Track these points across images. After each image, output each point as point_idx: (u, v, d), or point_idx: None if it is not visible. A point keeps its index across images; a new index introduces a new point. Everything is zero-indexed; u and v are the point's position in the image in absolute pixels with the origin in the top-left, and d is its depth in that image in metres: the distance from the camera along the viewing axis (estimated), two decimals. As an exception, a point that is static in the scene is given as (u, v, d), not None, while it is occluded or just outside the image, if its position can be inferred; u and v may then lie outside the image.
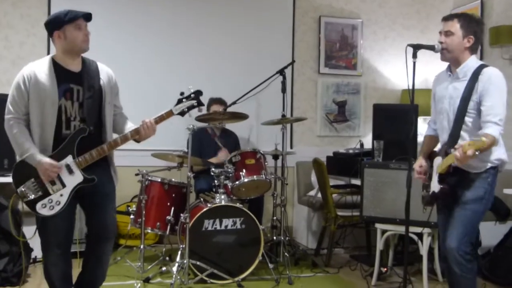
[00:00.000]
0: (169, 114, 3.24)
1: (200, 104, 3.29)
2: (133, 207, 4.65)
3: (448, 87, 3.21)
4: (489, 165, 3.09)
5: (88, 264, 3.29)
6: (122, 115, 3.37)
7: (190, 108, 3.28)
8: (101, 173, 3.18)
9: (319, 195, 5.21)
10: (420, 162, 3.34)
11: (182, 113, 3.27)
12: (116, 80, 3.30)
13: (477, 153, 2.74)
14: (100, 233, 3.21)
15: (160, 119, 3.21)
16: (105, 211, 3.21)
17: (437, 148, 3.40)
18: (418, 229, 4.07)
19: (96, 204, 3.19)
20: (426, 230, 4.08)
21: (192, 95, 3.28)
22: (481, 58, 5.47)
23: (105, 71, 3.25)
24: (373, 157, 4.70)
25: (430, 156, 3.36)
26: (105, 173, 3.23)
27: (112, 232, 3.27)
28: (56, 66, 3.10)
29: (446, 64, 3.28)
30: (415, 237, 4.11)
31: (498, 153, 3.09)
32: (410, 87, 3.15)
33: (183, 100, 3.27)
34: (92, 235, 3.24)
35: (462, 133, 3.10)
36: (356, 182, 4.84)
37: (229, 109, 5.03)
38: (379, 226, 4.34)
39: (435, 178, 3.18)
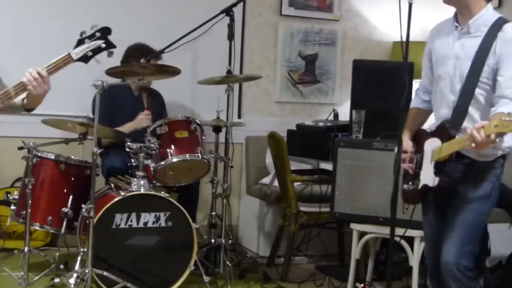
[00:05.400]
0: (67, 60, 3.22)
1: (109, 45, 3.30)
2: (15, 195, 4.58)
3: (454, 44, 3.24)
4: (500, 153, 3.17)
5: None
6: None
7: (96, 51, 3.28)
8: None
9: (276, 183, 5.25)
10: (405, 145, 3.39)
11: (85, 59, 3.26)
12: None
13: (498, 139, 2.78)
14: None
15: (55, 67, 3.18)
16: None
17: (429, 125, 3.46)
18: (408, 232, 4.14)
19: None
20: (418, 233, 4.17)
21: (96, 34, 3.27)
22: (499, 8, 5.55)
23: None
24: (351, 132, 4.75)
25: (416, 137, 3.42)
26: None
27: None
28: None
29: (452, 11, 3.31)
30: (403, 243, 4.18)
31: (509, 139, 3.15)
32: (404, 39, 3.18)
33: (85, 40, 3.26)
34: None
35: (471, 109, 3.15)
36: (327, 166, 4.89)
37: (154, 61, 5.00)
38: (355, 227, 4.41)
39: (428, 166, 3.24)
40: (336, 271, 5.07)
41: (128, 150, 4.44)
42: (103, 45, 3.28)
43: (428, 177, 3.23)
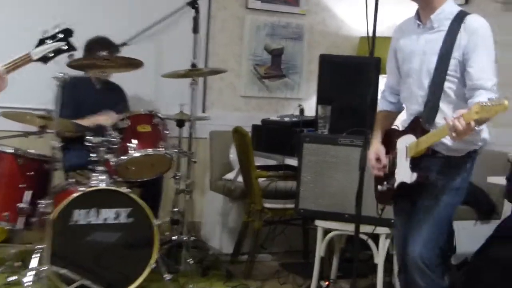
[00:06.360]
0: (26, 59, 3.19)
1: (70, 47, 3.29)
2: (-30, 189, 4.52)
3: (419, 41, 3.26)
4: (472, 147, 3.19)
5: None
6: None
7: (57, 52, 3.27)
8: None
9: (240, 178, 5.25)
10: (376, 151, 3.37)
11: (45, 59, 3.25)
12: None
13: (477, 127, 2.78)
14: None
15: (14, 66, 3.14)
16: None
17: (400, 122, 3.46)
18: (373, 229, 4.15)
19: None
20: (384, 230, 4.18)
21: (58, 35, 3.25)
22: (466, 4, 5.58)
23: None
24: (317, 128, 4.76)
25: (386, 137, 3.41)
26: None
27: None
28: None
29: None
30: (368, 240, 4.19)
31: (485, 131, 3.18)
32: (370, 34, 3.17)
33: (46, 41, 3.24)
34: None
35: (442, 105, 3.16)
36: (292, 162, 4.89)
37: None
38: (320, 224, 4.41)
39: (402, 164, 3.24)
40: (300, 269, 5.08)
41: (88, 144, 4.40)
42: (65, 47, 3.29)
43: (404, 174, 3.23)
